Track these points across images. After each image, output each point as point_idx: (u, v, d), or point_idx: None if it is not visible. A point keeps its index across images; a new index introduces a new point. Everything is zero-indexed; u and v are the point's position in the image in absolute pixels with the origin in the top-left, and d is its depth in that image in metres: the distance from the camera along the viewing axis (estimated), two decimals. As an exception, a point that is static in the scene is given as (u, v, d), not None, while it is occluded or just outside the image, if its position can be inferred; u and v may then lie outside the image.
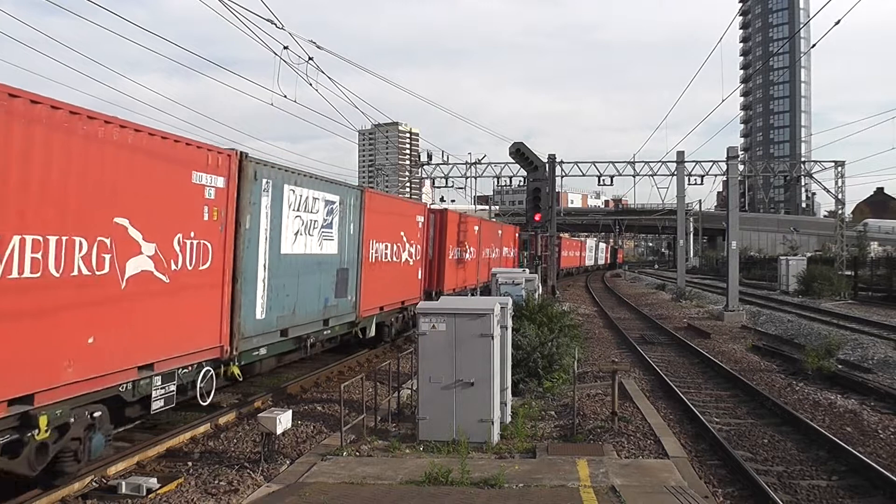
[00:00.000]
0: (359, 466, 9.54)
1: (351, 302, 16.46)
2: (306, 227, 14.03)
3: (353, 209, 16.42)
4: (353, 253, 16.52)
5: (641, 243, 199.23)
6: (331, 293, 15.30)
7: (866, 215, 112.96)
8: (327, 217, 15.04)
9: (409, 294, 21.10)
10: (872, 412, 13.16)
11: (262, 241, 12.38)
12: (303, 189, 13.85)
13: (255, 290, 12.23)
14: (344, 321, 16.26)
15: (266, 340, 12.78)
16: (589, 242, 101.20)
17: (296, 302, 13.65)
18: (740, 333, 25.99)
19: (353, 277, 16.50)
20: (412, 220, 21.57)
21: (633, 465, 9.71)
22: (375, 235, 17.88)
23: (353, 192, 16.65)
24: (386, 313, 19.34)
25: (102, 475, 9.25)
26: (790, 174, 60.30)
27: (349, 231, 16.23)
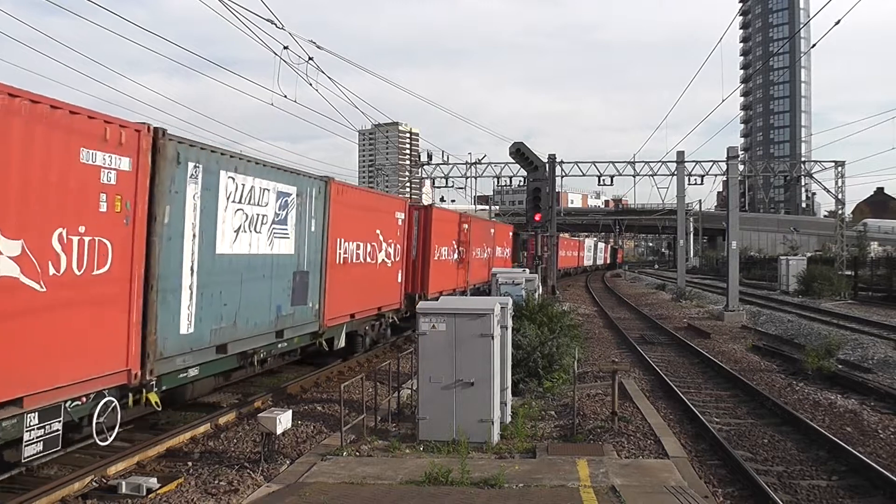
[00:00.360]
0: (359, 466, 9.54)
1: (312, 310, 14.57)
2: (252, 223, 12.09)
3: (314, 203, 14.44)
4: (316, 253, 14.61)
5: (641, 243, 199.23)
6: (285, 300, 13.42)
7: (866, 215, 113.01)
8: (280, 211, 13.07)
9: (386, 299, 19.39)
10: (872, 412, 13.16)
11: (189, 238, 10.33)
12: (247, 177, 11.85)
13: (179, 299, 10.15)
14: (304, 332, 14.41)
15: (197, 359, 10.80)
16: (587, 242, 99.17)
17: (237, 311, 11.68)
18: (740, 333, 25.99)
19: (316, 281, 14.62)
20: (390, 217, 19.64)
21: (633, 465, 9.71)
22: (344, 233, 16.07)
23: (314, 183, 14.55)
24: (358, 321, 17.56)
25: (102, 475, 9.25)
26: (790, 174, 60.35)
27: (310, 228, 14.27)
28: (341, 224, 15.74)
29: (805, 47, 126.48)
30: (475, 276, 30.08)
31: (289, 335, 13.69)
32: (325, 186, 15.00)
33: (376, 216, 18.51)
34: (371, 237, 17.97)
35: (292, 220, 13.57)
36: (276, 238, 13.01)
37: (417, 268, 22.27)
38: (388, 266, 19.27)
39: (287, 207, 13.35)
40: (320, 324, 14.92)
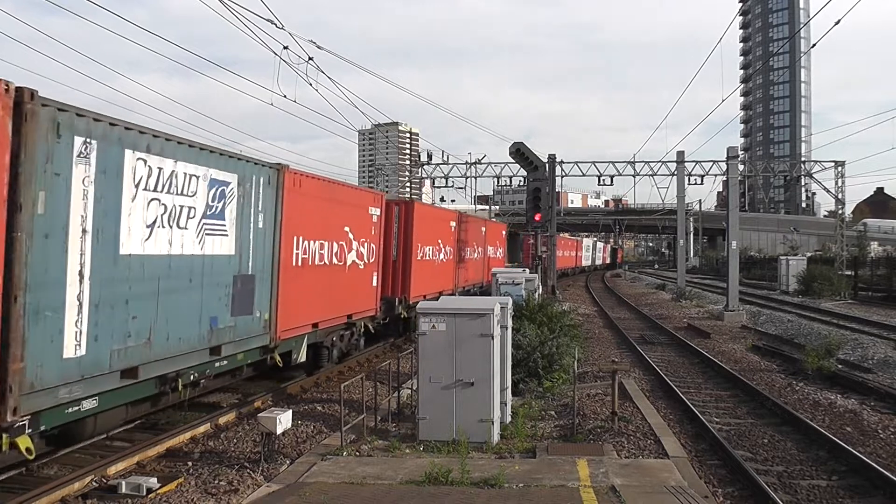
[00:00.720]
0: (359, 466, 9.54)
1: (261, 320, 12.53)
2: (174, 217, 10.06)
3: (263, 194, 12.52)
4: (265, 254, 12.62)
5: (641, 243, 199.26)
6: (223, 310, 11.34)
7: (866, 215, 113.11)
8: (215, 203, 11.04)
9: (358, 305, 17.32)
10: (872, 412, 13.16)
11: (77, 236, 8.24)
12: (165, 159, 9.80)
13: (62, 315, 8.05)
14: (249, 346, 12.29)
15: (93, 388, 8.61)
16: (586, 242, 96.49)
17: (152, 326, 9.58)
18: (740, 333, 25.99)
19: (265, 287, 12.62)
20: (362, 213, 17.53)
21: (633, 465, 9.71)
22: (303, 230, 14.06)
23: (262, 171, 12.51)
24: (324, 331, 15.51)
25: (102, 475, 9.25)
26: (790, 174, 60.30)
27: (256, 224, 12.31)
28: (299, 220, 13.78)
29: (805, 47, 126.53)
30: (465, 278, 28.48)
31: (228, 351, 11.56)
32: (276, 175, 12.96)
33: (345, 211, 16.40)
34: (338, 235, 16.02)
35: (231, 214, 11.52)
36: (210, 235, 10.96)
37: (398, 269, 20.62)
38: (359, 268, 17.27)
39: (224, 199, 11.29)
40: (272, 336, 12.81)
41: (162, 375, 10.06)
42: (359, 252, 17.22)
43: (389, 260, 20.17)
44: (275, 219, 12.94)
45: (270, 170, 12.90)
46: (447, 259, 25.38)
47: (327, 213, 15.34)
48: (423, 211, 22.60)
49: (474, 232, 30.63)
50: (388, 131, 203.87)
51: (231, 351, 11.70)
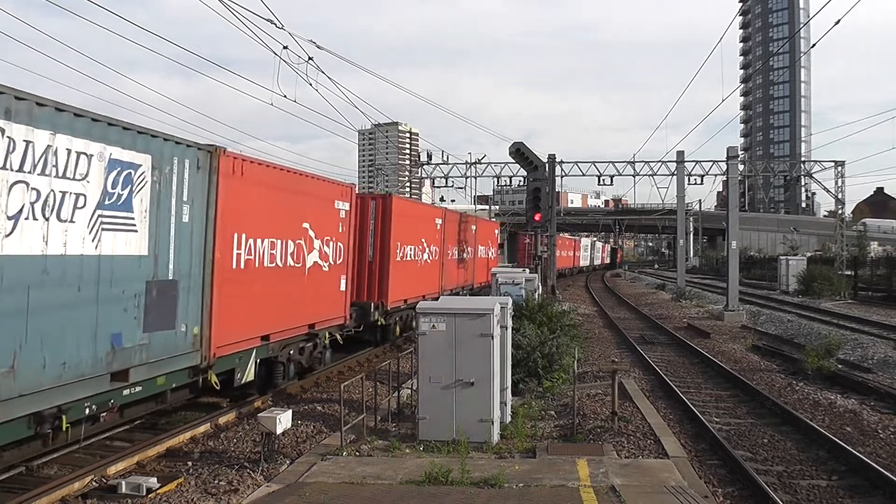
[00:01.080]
0: (359, 466, 9.54)
1: (187, 335, 10.38)
2: (50, 206, 7.99)
3: (189, 181, 10.35)
4: (192, 254, 10.49)
5: (641, 243, 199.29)
6: (130, 324, 9.25)
7: (866, 215, 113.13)
8: (117, 190, 8.97)
9: (323, 313, 15.20)
10: (872, 412, 13.17)
11: None
12: (36, 131, 7.77)
13: None
14: (172, 368, 10.09)
15: None
16: (584, 241, 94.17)
17: (18, 349, 7.60)
18: (740, 333, 26.00)
19: (194, 295, 10.52)
20: (326, 208, 15.33)
21: (633, 465, 9.71)
22: (247, 226, 11.94)
23: (188, 153, 10.37)
24: (277, 344, 13.35)
25: (102, 475, 9.25)
26: (790, 174, 60.33)
27: (179, 217, 10.15)
28: (242, 213, 11.74)
29: (805, 47, 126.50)
30: (453, 280, 26.48)
31: (140, 376, 9.40)
32: (209, 158, 10.78)
33: (305, 205, 14.24)
34: (295, 232, 13.85)
35: (143, 204, 9.39)
36: (110, 231, 8.89)
37: (374, 272, 18.75)
38: (323, 270, 15.05)
39: (131, 185, 9.21)
40: (204, 354, 10.74)
41: (37, 413, 7.95)
42: (322, 252, 14.99)
43: (365, 261, 18.55)
44: (207, 212, 10.77)
45: (200, 151, 10.63)
46: (432, 260, 23.53)
47: (280, 207, 13.19)
48: (403, 207, 20.53)
49: (463, 230, 28.84)
50: (388, 131, 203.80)
51: (144, 375, 9.50)
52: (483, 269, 32.31)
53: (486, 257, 33.80)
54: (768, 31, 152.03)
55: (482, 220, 35.87)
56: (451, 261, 26.29)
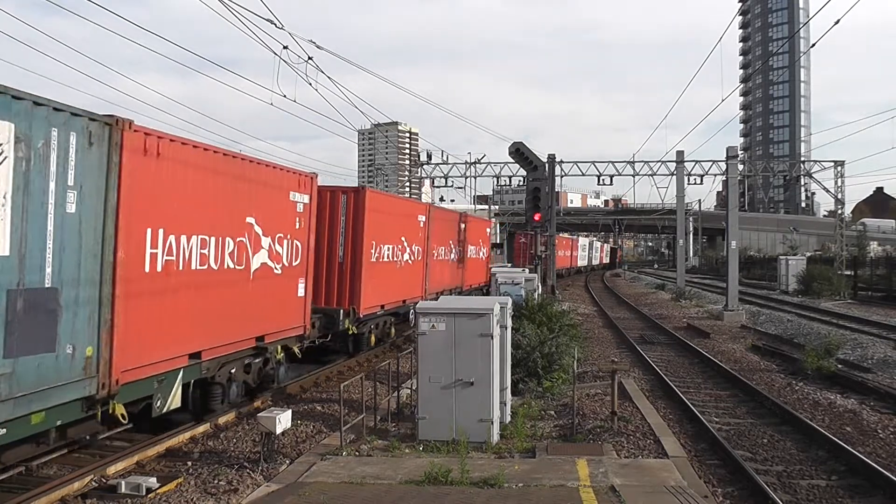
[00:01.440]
0: (358, 466, 9.54)
1: (76, 358, 8.17)
2: None
3: (77, 160, 8.10)
4: (83, 255, 8.26)
5: (641, 243, 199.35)
6: None
7: (865, 215, 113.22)
8: None
9: (275, 323, 12.95)
10: (872, 412, 13.17)
11: None
12: None
13: None
14: (53, 402, 7.89)
15: None
16: (582, 241, 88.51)
17: None
18: (740, 333, 26.00)
19: (84, 306, 8.27)
20: (279, 200, 13.01)
21: (633, 465, 9.71)
22: (166, 220, 9.74)
23: (72, 124, 8.05)
24: (214, 362, 11.15)
25: (102, 475, 9.25)
26: (790, 174, 60.34)
27: (61, 207, 7.91)
28: (158, 204, 9.62)
29: (804, 47, 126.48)
30: (439, 282, 24.34)
31: (2, 415, 7.23)
32: (107, 132, 8.60)
33: (248, 195, 11.88)
34: (234, 228, 11.48)
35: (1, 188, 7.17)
36: None
37: (345, 274, 16.80)
38: (275, 273, 12.86)
39: None
40: (103, 381, 8.54)
41: None
42: (273, 252, 12.78)
43: (334, 262, 16.77)
44: (105, 201, 8.57)
45: (93, 123, 8.38)
46: (414, 261, 21.52)
47: (215, 197, 10.96)
48: (378, 201, 18.38)
49: (451, 229, 26.63)
50: (388, 131, 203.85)
51: (8, 414, 7.27)
52: (475, 269, 30.63)
53: (478, 257, 31.70)
54: (768, 30, 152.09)
55: (473, 217, 33.10)
56: (438, 261, 24.30)
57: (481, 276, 31.81)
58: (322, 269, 16.39)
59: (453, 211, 30.72)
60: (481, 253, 32.27)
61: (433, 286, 23.36)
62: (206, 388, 11.52)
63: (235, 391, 12.27)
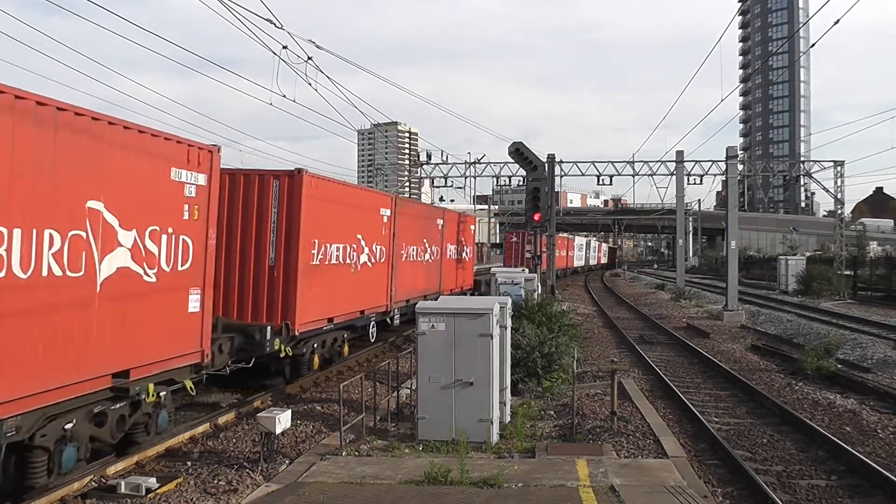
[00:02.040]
0: (358, 466, 9.54)
1: None
2: None
3: None
4: None
5: (641, 243, 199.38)
6: None
7: (865, 215, 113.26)
8: None
9: (146, 353, 9.53)
10: (872, 412, 13.17)
11: None
12: None
13: None
14: None
15: None
16: (578, 241, 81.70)
17: None
18: (739, 333, 26.00)
19: None
20: (152, 180, 9.65)
21: (633, 465, 9.71)
22: None
23: None
24: (32, 417, 7.75)
25: (101, 475, 9.25)
26: (789, 174, 60.28)
27: None
28: None
29: (804, 47, 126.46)
30: (409, 287, 21.14)
31: None
32: None
33: (91, 172, 8.55)
34: (64, 221, 8.16)
35: None
36: None
37: (276, 280, 13.66)
38: (145, 282, 9.48)
39: None
40: None
41: None
42: (141, 252, 9.35)
43: (263, 266, 13.64)
44: None
45: None
46: (375, 263, 18.24)
47: (45, 174, 7.84)
48: (323, 189, 14.84)
49: (424, 226, 22.97)
50: (388, 131, 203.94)
51: None
52: (456, 272, 27.48)
53: (461, 258, 28.00)
54: (767, 30, 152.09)
55: (450, 212, 28.62)
56: (409, 264, 21.32)
57: (465, 280, 29.26)
58: (244, 275, 13.60)
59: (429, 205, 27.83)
60: (465, 253, 28.67)
61: (401, 293, 20.24)
62: (23, 454, 7.97)
63: (75, 455, 8.51)
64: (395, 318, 19.97)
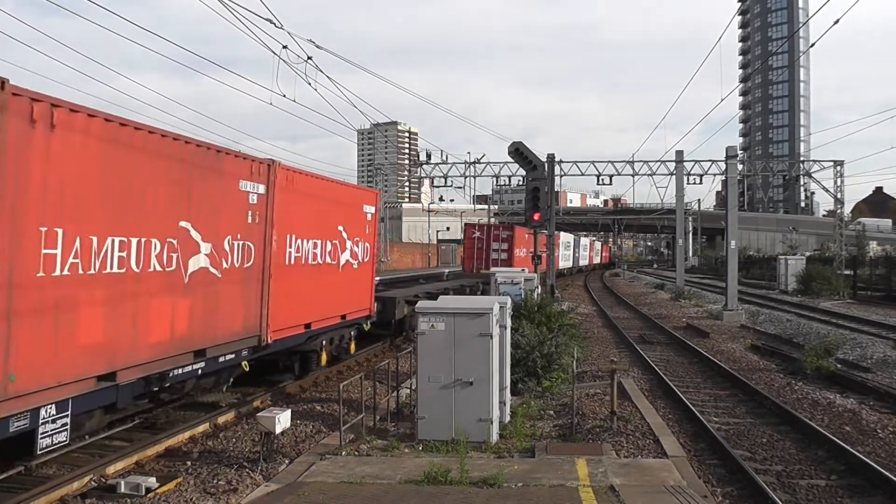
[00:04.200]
0: (358, 466, 9.54)
1: None
2: None
3: None
4: None
5: (640, 243, 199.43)
6: None
7: (865, 215, 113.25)
8: None
9: None
10: (871, 411, 13.17)
11: None
12: None
13: None
14: None
15: None
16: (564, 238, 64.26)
17: None
18: (739, 333, 26.01)
19: None
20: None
21: (632, 465, 9.71)
22: None
23: None
24: None
25: (101, 474, 9.25)
26: (789, 173, 60.32)
27: None
28: None
29: (804, 47, 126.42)
30: (289, 317, 13.41)
31: None
32: None
33: None
34: None
35: None
36: None
37: None
38: None
39: None
40: None
41: None
42: None
43: None
44: None
45: None
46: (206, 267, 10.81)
47: None
48: None
49: (315, 208, 14.53)
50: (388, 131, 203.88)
51: None
52: (354, 285, 16.85)
53: (356, 260, 16.90)
54: (767, 30, 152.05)
55: (361, 189, 19.44)
56: (285, 268, 13.24)
57: (348, 301, 16.69)
58: None
59: (324, 179, 15.73)
60: (348, 254, 16.44)
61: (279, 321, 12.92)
62: None
63: None
64: None
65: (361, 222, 17.40)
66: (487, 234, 37.68)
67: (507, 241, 36.63)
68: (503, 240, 35.45)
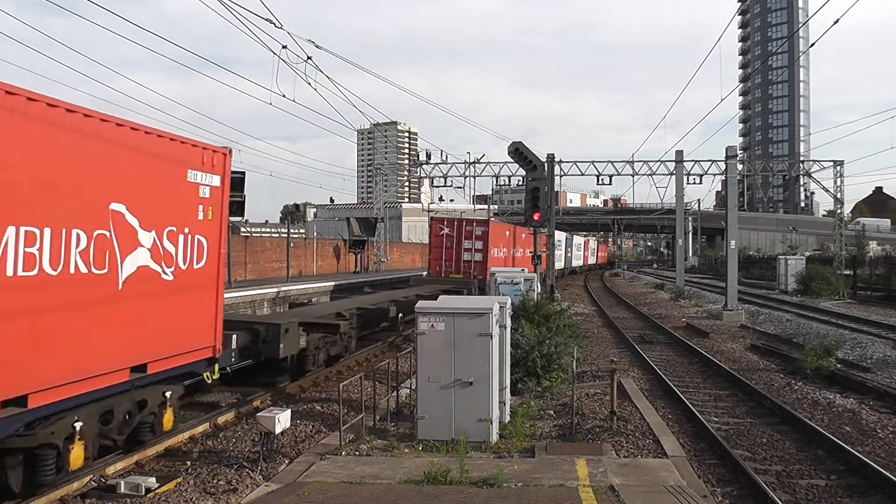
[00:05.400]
0: (357, 466, 9.53)
1: None
2: None
3: None
4: None
5: (640, 243, 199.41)
6: None
7: (865, 215, 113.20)
8: None
9: None
10: (871, 411, 13.17)
11: None
12: None
13: None
14: None
15: None
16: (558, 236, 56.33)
17: None
18: (739, 333, 26.01)
19: None
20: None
21: (632, 465, 9.71)
22: None
23: None
24: None
25: (101, 474, 9.25)
26: (789, 173, 60.35)
27: None
28: None
29: (804, 47, 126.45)
30: None
31: None
32: None
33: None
34: None
35: None
36: None
37: None
38: None
39: None
40: None
41: None
42: None
43: None
44: None
45: None
46: None
47: None
48: None
49: (40, 166, 7.66)
50: (387, 131, 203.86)
51: None
52: (165, 311, 9.90)
53: (170, 265, 9.91)
54: (767, 30, 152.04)
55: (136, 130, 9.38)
56: None
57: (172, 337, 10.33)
58: None
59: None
60: (180, 252, 10.20)
61: None
62: None
63: None
64: None
65: (184, 199, 10.32)
66: (458, 231, 30.99)
67: (482, 238, 30.55)
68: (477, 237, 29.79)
